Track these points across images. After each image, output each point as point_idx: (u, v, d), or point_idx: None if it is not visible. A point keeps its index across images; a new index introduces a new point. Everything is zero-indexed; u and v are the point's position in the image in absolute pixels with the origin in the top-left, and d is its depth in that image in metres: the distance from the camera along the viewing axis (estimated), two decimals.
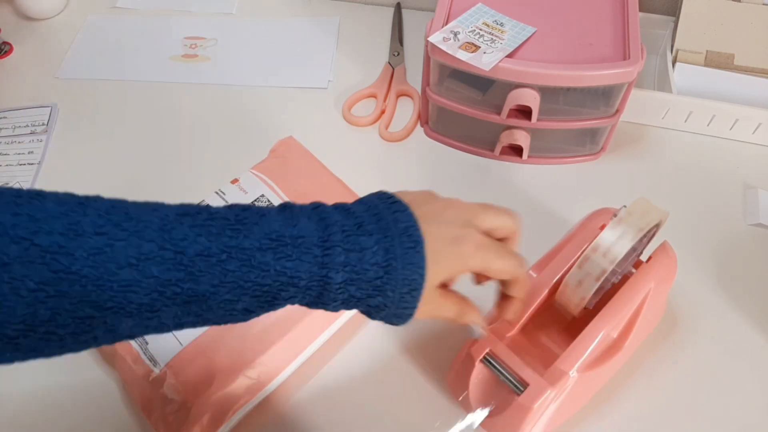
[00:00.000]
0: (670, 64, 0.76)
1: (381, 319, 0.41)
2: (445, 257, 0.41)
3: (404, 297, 0.40)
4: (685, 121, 0.74)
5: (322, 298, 0.39)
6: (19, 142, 0.75)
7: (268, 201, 0.60)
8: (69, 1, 0.91)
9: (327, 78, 0.81)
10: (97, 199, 0.36)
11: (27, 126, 0.76)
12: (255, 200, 0.61)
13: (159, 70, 0.83)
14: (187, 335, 0.53)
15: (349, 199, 0.46)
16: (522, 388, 0.47)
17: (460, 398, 0.53)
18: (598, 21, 0.66)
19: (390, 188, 0.70)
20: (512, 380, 0.48)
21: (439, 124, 0.74)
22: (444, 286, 0.43)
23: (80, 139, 0.75)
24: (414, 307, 0.40)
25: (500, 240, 0.45)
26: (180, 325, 0.37)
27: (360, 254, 0.38)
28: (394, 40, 0.85)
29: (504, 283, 0.46)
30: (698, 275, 0.63)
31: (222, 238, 0.36)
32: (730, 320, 0.60)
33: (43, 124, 0.76)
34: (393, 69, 0.81)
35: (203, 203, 0.41)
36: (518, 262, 0.44)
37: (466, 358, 0.50)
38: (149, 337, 0.53)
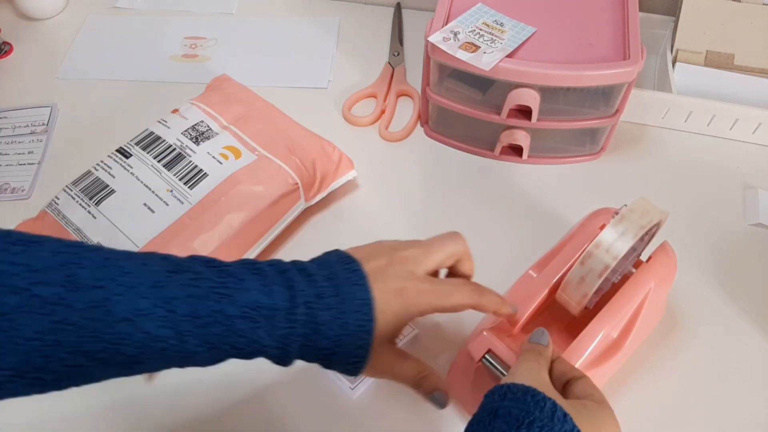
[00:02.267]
0: (670, 64, 0.76)
1: (327, 368, 0.44)
2: (393, 310, 0.43)
3: (349, 365, 0.43)
4: (685, 121, 0.74)
5: (280, 360, 0.42)
6: (19, 142, 0.75)
7: (208, 126, 0.65)
8: (69, 1, 0.91)
9: (327, 78, 0.81)
10: (90, 250, 0.37)
11: (27, 126, 0.76)
12: (196, 124, 0.65)
13: (159, 70, 0.83)
14: (143, 238, 0.57)
15: (278, 121, 0.59)
16: None
17: (460, 398, 0.53)
18: (598, 21, 0.66)
19: (390, 188, 0.70)
20: None
21: (439, 124, 0.74)
22: (394, 346, 0.46)
23: (80, 139, 0.75)
24: (358, 372, 0.44)
25: (453, 267, 0.49)
26: (150, 372, 0.40)
27: (315, 327, 0.41)
28: (394, 40, 0.85)
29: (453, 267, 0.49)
30: (698, 275, 0.63)
31: (208, 302, 0.38)
32: (730, 320, 0.60)
33: (43, 124, 0.76)
34: (393, 69, 0.81)
35: (147, 132, 0.52)
36: (467, 292, 0.46)
37: (466, 357, 0.51)
38: (107, 244, 0.56)
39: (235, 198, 0.60)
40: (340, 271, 0.43)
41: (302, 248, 0.65)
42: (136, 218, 0.58)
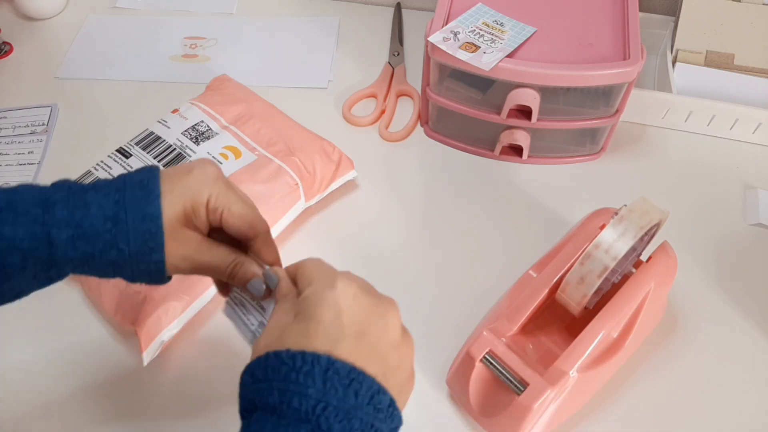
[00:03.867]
0: (670, 64, 0.76)
1: (133, 280, 0.40)
2: (178, 186, 0.39)
3: (144, 254, 0.38)
4: (685, 121, 0.74)
5: (54, 259, 0.37)
6: (19, 142, 0.75)
7: (208, 126, 0.65)
8: (69, 1, 0.91)
9: (327, 78, 0.81)
10: None
11: (27, 126, 0.76)
12: (196, 124, 0.65)
13: (159, 70, 0.83)
14: None
15: (278, 121, 0.60)
16: (522, 388, 0.47)
17: (461, 398, 0.53)
18: (598, 21, 0.66)
19: (390, 188, 0.70)
20: (512, 380, 0.48)
21: (439, 124, 0.74)
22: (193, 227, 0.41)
23: (80, 139, 0.75)
24: (159, 260, 0.39)
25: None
26: None
27: (85, 210, 0.37)
28: (394, 40, 0.85)
29: (247, 243, 0.42)
30: (698, 275, 0.63)
31: None
32: (730, 320, 0.60)
33: (43, 124, 0.76)
34: (393, 69, 0.81)
35: (147, 132, 0.52)
36: (258, 214, 0.42)
37: (466, 357, 0.50)
38: None
39: None
40: (124, 174, 0.40)
41: (302, 248, 0.65)
42: None
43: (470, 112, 0.68)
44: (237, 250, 0.42)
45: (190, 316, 0.57)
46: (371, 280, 0.63)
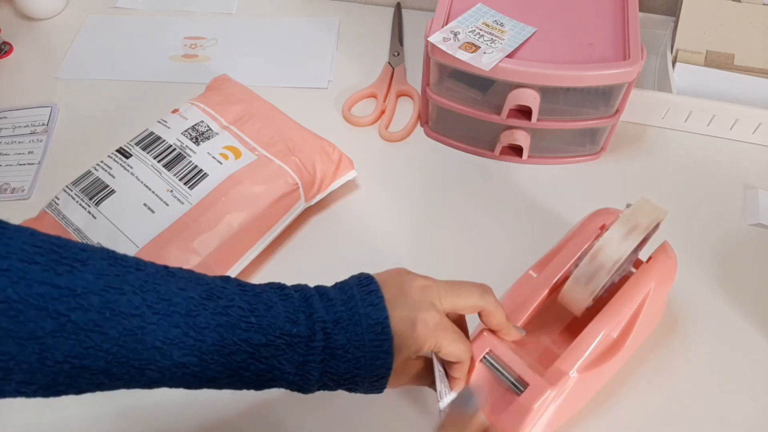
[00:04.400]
0: (670, 64, 0.76)
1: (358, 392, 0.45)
2: (405, 341, 0.43)
3: (373, 384, 0.44)
4: (685, 121, 0.74)
5: (302, 387, 0.43)
6: (19, 142, 0.75)
7: (208, 126, 0.65)
8: (69, 1, 0.91)
9: (327, 78, 0.81)
10: (130, 268, 0.37)
11: (27, 126, 0.76)
12: (196, 124, 0.65)
13: (159, 70, 0.83)
14: (142, 238, 0.57)
15: (278, 121, 0.63)
16: (522, 388, 0.47)
17: None
18: (598, 21, 0.66)
19: (390, 188, 0.70)
20: (512, 380, 0.48)
21: (439, 124, 0.74)
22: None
23: (80, 139, 0.75)
24: (383, 388, 0.45)
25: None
26: (165, 386, 0.40)
27: (332, 352, 0.42)
28: (394, 40, 0.85)
29: (449, 363, 0.48)
30: (698, 275, 0.63)
31: (237, 330, 0.39)
32: (730, 320, 0.60)
33: (43, 124, 0.76)
34: (393, 69, 0.81)
35: (147, 132, 0.56)
36: (466, 348, 0.47)
37: None
38: (107, 244, 0.57)
39: (235, 198, 0.60)
40: (357, 293, 0.44)
41: (302, 248, 0.65)
42: (136, 218, 0.58)
43: (470, 112, 0.68)
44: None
45: None
46: None
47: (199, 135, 0.64)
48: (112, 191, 0.60)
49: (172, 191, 0.59)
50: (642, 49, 0.62)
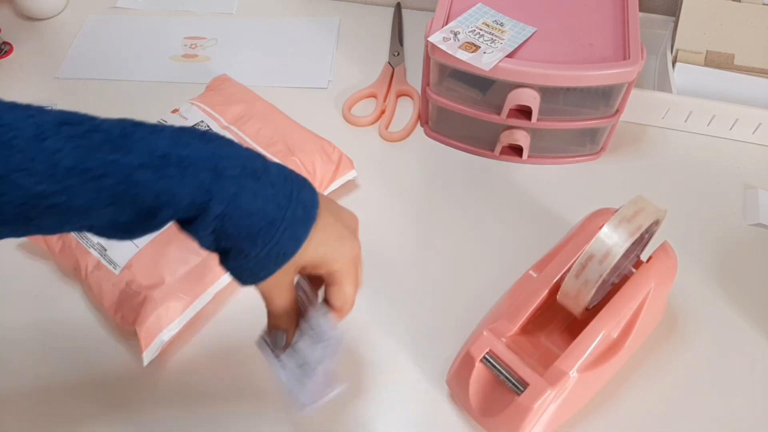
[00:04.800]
0: (670, 64, 0.76)
1: (229, 268, 0.40)
2: (324, 245, 0.41)
3: (268, 261, 0.39)
4: (685, 121, 0.74)
5: (192, 222, 0.38)
6: None
7: (208, 126, 0.65)
8: (69, 1, 0.91)
9: (327, 78, 0.81)
10: None
11: None
12: (195, 124, 0.65)
13: (159, 70, 0.83)
14: (142, 239, 0.57)
15: (278, 121, 0.62)
16: (522, 388, 0.47)
17: (461, 398, 0.53)
18: (598, 21, 0.66)
19: (390, 188, 0.70)
20: (512, 380, 0.48)
21: (439, 124, 0.74)
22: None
23: None
24: (269, 275, 0.40)
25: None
26: (64, 229, 0.37)
27: (252, 198, 0.37)
28: (394, 40, 0.85)
29: (330, 303, 0.44)
30: (698, 275, 0.63)
31: (98, 153, 0.34)
32: (730, 320, 0.60)
33: None
34: (393, 69, 0.81)
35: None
36: (354, 297, 0.45)
37: (466, 357, 0.50)
38: (107, 244, 0.58)
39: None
40: (294, 177, 0.41)
41: None
42: None
43: (470, 112, 0.68)
44: (295, 304, 0.44)
45: (191, 316, 0.57)
46: (371, 279, 0.63)
47: None
48: None
49: None
50: (642, 49, 0.62)
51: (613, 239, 0.46)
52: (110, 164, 0.34)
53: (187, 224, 0.38)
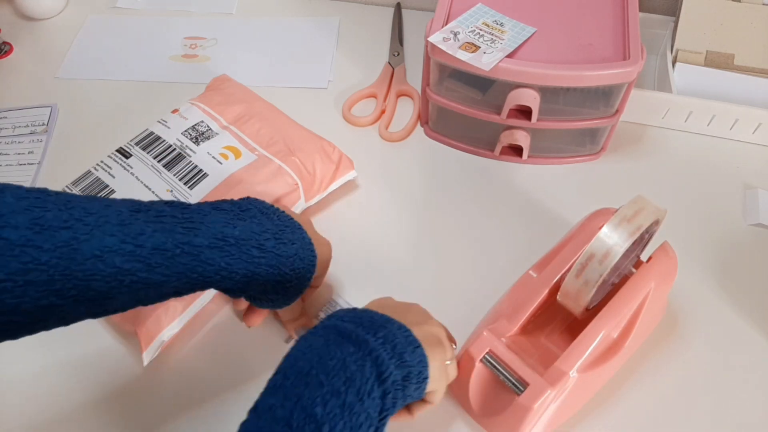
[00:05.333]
0: (670, 64, 0.76)
1: (260, 303, 0.52)
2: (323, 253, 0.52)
3: (300, 280, 0.50)
4: (685, 121, 0.74)
5: (241, 290, 0.47)
6: (19, 142, 0.75)
7: (208, 126, 0.65)
8: (69, 1, 0.91)
9: (327, 78, 0.81)
10: (51, 194, 0.39)
11: (27, 126, 0.76)
12: (196, 124, 0.65)
13: (159, 70, 0.83)
14: None
15: (278, 121, 0.66)
16: (522, 388, 0.47)
17: (460, 397, 0.53)
18: (598, 21, 0.66)
19: (390, 188, 0.70)
20: (512, 380, 0.48)
21: (439, 124, 0.74)
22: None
23: (80, 139, 0.75)
24: (306, 284, 0.51)
25: None
26: (122, 309, 0.42)
27: (279, 258, 0.47)
28: (394, 40, 0.85)
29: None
30: (698, 275, 0.63)
31: (175, 234, 0.41)
32: (730, 320, 0.60)
33: (43, 124, 0.76)
34: (393, 69, 0.81)
35: (147, 132, 0.57)
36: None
37: (466, 357, 0.51)
38: None
39: (235, 198, 0.60)
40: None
41: None
42: None
43: (470, 112, 0.68)
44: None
45: (191, 315, 0.57)
46: (371, 279, 0.63)
47: (199, 135, 0.64)
48: (112, 191, 0.60)
49: (172, 191, 0.60)
50: (642, 49, 0.62)
51: (613, 239, 0.46)
52: (185, 245, 0.41)
53: (229, 292, 0.47)
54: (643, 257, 0.54)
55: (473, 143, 0.73)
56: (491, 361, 0.49)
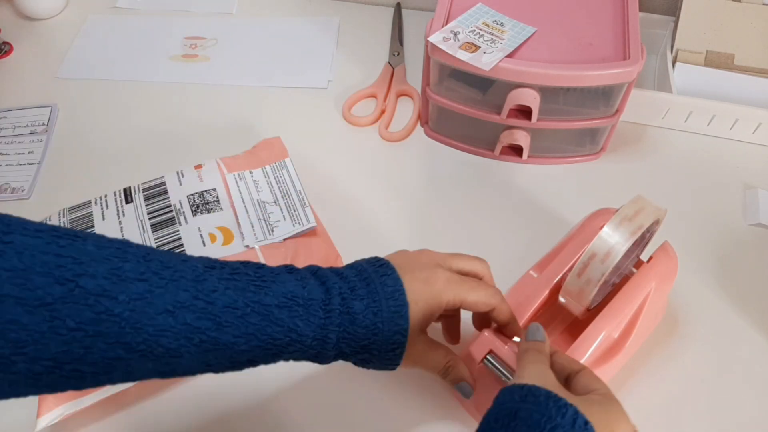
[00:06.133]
0: (670, 64, 0.76)
1: (370, 368, 0.46)
2: (423, 297, 0.45)
3: (388, 355, 0.45)
4: (685, 121, 0.74)
5: (318, 354, 0.43)
6: (19, 142, 0.75)
7: (216, 197, 0.59)
8: (69, 1, 0.91)
9: (327, 78, 0.81)
10: (132, 245, 0.38)
11: (27, 126, 0.76)
12: (206, 191, 0.60)
13: (159, 70, 0.82)
14: None
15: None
16: None
17: (461, 399, 0.53)
18: (598, 21, 0.66)
19: (390, 189, 0.70)
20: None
21: (439, 124, 0.74)
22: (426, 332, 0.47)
23: (80, 139, 0.75)
24: (398, 361, 0.45)
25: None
26: (191, 372, 0.40)
27: (351, 317, 0.43)
28: (394, 40, 0.85)
29: (489, 316, 0.49)
30: (698, 275, 0.63)
31: (247, 293, 0.40)
32: (730, 320, 0.60)
33: (43, 124, 0.76)
34: (393, 69, 0.81)
35: (160, 180, 0.53)
36: (492, 291, 0.48)
37: (467, 358, 0.50)
38: None
39: None
40: (369, 267, 0.45)
41: None
42: None
43: (470, 112, 0.68)
44: (452, 352, 0.49)
45: (105, 395, 0.51)
46: None
47: (202, 204, 0.59)
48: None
49: None
50: (642, 49, 0.62)
51: (614, 238, 0.46)
52: (255, 303, 0.40)
53: (311, 358, 0.44)
54: (644, 257, 0.54)
55: (473, 143, 0.73)
56: (492, 362, 0.49)
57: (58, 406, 0.50)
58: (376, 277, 0.44)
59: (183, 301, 0.37)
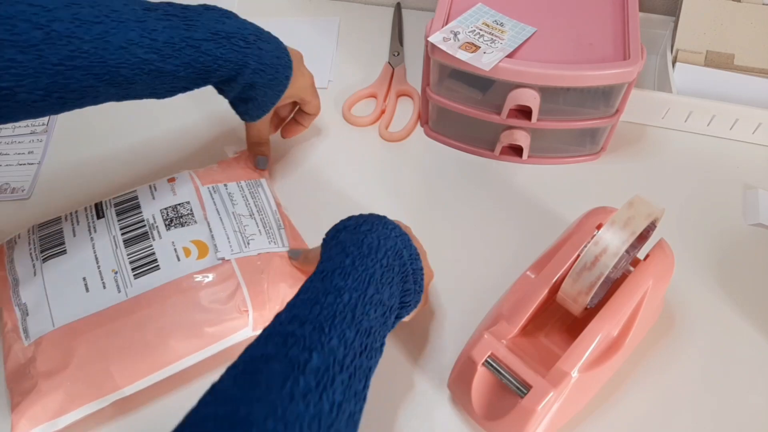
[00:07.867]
0: (670, 64, 0.76)
1: (243, 110, 0.61)
2: (296, 86, 0.62)
3: (274, 98, 0.60)
4: (685, 121, 0.74)
5: (235, 77, 0.56)
6: (19, 142, 0.74)
7: (190, 210, 0.59)
8: None
9: (327, 78, 0.81)
10: None
11: (27, 126, 0.76)
12: (179, 204, 0.59)
13: None
14: (62, 318, 0.52)
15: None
16: (525, 391, 0.47)
17: (463, 402, 0.53)
18: (598, 21, 0.66)
19: (390, 189, 0.70)
20: (515, 383, 0.48)
21: (439, 124, 0.74)
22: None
23: (80, 139, 0.75)
24: (271, 109, 0.61)
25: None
26: (140, 96, 0.52)
27: (267, 55, 0.57)
28: (394, 40, 0.85)
29: (307, 113, 0.67)
30: (698, 275, 0.63)
31: (179, 30, 0.51)
32: (729, 320, 0.60)
33: (43, 124, 0.76)
34: (393, 69, 0.81)
35: (132, 194, 0.60)
36: (319, 102, 0.67)
37: (468, 361, 0.50)
38: (31, 309, 0.53)
39: (171, 310, 0.53)
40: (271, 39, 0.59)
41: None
42: (68, 293, 0.53)
43: (470, 112, 0.68)
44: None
45: (80, 416, 0.51)
46: None
47: (175, 218, 0.58)
48: (64, 251, 0.56)
49: (117, 273, 0.54)
50: (642, 49, 0.62)
51: (612, 239, 0.46)
52: (188, 39, 0.51)
53: (224, 84, 0.57)
54: (640, 255, 0.54)
55: (473, 143, 0.73)
56: (493, 364, 0.49)
57: (31, 430, 0.49)
58: (281, 46, 0.59)
59: (132, 39, 0.48)
